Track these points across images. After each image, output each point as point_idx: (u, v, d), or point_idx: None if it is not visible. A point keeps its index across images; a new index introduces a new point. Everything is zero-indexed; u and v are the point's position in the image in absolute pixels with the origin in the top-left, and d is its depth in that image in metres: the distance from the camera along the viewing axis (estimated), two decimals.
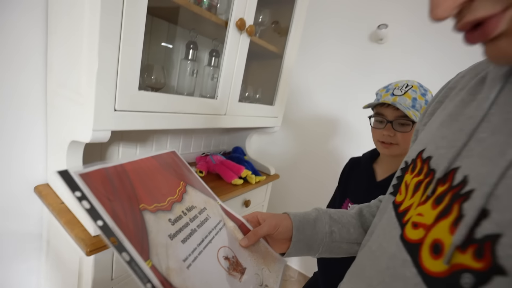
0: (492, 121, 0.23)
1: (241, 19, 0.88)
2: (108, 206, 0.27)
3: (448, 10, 0.20)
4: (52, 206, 0.72)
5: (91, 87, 0.56)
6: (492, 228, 0.18)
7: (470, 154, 0.24)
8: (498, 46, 0.20)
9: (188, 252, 0.32)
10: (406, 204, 0.30)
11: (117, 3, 0.55)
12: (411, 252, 0.25)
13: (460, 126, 0.27)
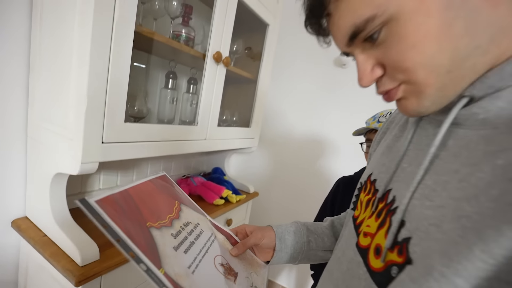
0: (409, 155, 0.33)
1: (218, 52, 0.96)
2: (122, 226, 0.33)
3: (367, 83, 0.29)
4: (34, 240, 0.72)
5: (80, 123, 0.60)
6: (406, 233, 0.27)
7: (397, 179, 0.32)
8: (400, 104, 0.30)
9: (191, 260, 0.38)
10: (361, 218, 0.38)
11: (105, 44, 0.60)
12: (362, 255, 0.32)
13: (392, 157, 0.36)
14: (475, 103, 0.26)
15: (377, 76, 0.29)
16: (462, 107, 0.26)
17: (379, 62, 0.29)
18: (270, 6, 1.26)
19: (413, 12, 0.24)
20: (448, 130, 0.28)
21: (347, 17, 0.27)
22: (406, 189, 0.29)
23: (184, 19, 0.99)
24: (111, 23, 0.60)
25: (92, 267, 0.65)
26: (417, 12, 0.24)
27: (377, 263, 0.29)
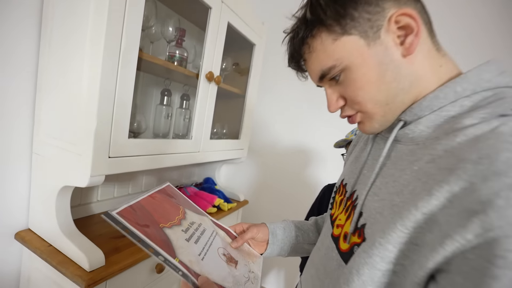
0: (368, 164, 0.43)
1: (210, 72, 1.06)
2: (141, 229, 0.42)
3: (334, 110, 0.40)
4: (40, 250, 0.76)
5: (90, 141, 0.67)
6: (363, 221, 0.36)
7: (359, 182, 0.43)
8: (359, 126, 0.41)
9: (200, 249, 0.47)
10: (335, 214, 0.48)
11: (113, 70, 0.68)
12: (335, 242, 0.42)
13: (357, 165, 0.46)
14: (407, 126, 0.37)
15: (341, 105, 0.40)
16: (399, 128, 0.37)
17: (341, 96, 0.40)
18: (256, 27, 1.38)
19: (359, 65, 0.35)
20: (391, 145, 0.39)
21: (316, 65, 0.39)
22: (364, 189, 0.39)
23: (178, 41, 1.09)
24: (119, 52, 0.69)
25: (99, 272, 0.70)
26: (362, 65, 0.35)
27: (344, 245, 0.39)
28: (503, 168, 0.23)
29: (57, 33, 0.75)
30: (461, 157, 0.27)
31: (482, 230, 0.22)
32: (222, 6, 1.05)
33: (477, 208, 0.23)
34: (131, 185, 1.20)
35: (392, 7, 0.34)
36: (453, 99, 0.33)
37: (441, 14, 1.40)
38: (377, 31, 0.34)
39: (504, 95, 0.30)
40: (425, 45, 0.35)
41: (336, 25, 0.35)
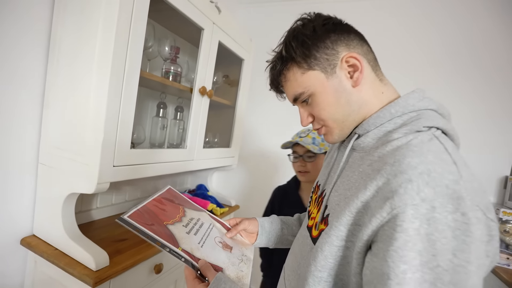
0: (334, 168, 0.54)
1: (203, 86, 1.15)
2: (148, 228, 0.51)
3: (305, 125, 0.52)
4: (47, 254, 0.82)
5: (97, 152, 0.75)
6: (327, 212, 0.46)
7: (328, 182, 0.53)
8: (324, 137, 0.52)
9: (199, 239, 0.56)
10: (311, 210, 0.58)
11: (118, 89, 0.77)
12: (309, 231, 0.52)
13: (327, 169, 0.57)
14: (360, 138, 0.48)
15: (310, 121, 0.52)
16: (354, 140, 0.48)
17: (310, 114, 0.51)
18: (245, 44, 1.50)
19: (321, 92, 0.47)
20: (350, 153, 0.50)
21: (290, 90, 0.51)
22: (329, 188, 0.50)
23: (173, 58, 1.18)
24: (123, 73, 0.77)
25: (104, 271, 0.77)
26: (323, 93, 0.47)
27: (315, 232, 0.49)
28: (405, 168, 0.34)
29: (65, 55, 0.83)
30: (385, 161, 0.38)
31: (390, 209, 0.33)
32: (213, 27, 1.16)
33: (389, 195, 0.34)
34: (128, 192, 1.27)
35: (344, 51, 0.46)
36: (389, 118, 0.44)
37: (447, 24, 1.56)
38: (333, 67, 0.46)
39: (422, 116, 0.42)
40: (369, 78, 0.47)
41: (303, 62, 0.47)
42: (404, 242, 0.31)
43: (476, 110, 1.49)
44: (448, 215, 0.31)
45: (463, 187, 0.32)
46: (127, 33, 0.76)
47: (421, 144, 0.37)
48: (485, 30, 1.47)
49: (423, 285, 0.30)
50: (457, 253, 0.30)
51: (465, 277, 0.30)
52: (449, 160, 0.35)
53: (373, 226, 0.35)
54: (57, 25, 0.85)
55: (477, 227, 0.31)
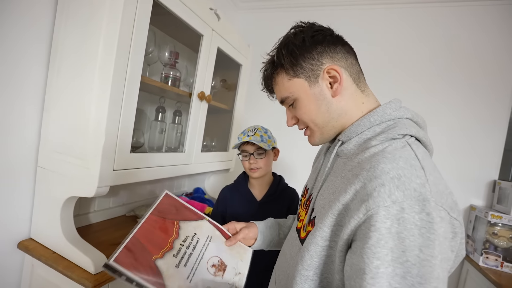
0: (320, 173, 0.57)
1: (202, 91, 1.17)
2: (135, 271, 0.48)
3: (289, 125, 0.56)
4: (45, 257, 0.82)
5: (98, 156, 0.76)
6: (314, 214, 0.49)
7: (315, 187, 0.56)
8: (308, 139, 0.55)
9: (189, 272, 0.55)
10: (300, 213, 0.61)
11: (120, 94, 0.78)
12: (298, 233, 0.55)
13: (315, 174, 0.60)
14: (343, 145, 0.51)
15: (294, 122, 0.56)
16: (338, 146, 0.52)
17: (294, 116, 0.55)
18: (243, 50, 1.52)
19: (304, 99, 0.51)
20: (334, 159, 0.53)
21: (278, 93, 0.56)
22: (315, 192, 0.53)
23: (172, 63, 1.20)
24: (124, 79, 0.79)
25: (103, 275, 0.78)
26: (305, 99, 0.51)
27: (303, 234, 0.52)
28: (379, 174, 0.38)
29: (66, 60, 0.84)
30: (363, 167, 0.42)
31: (366, 210, 0.37)
32: (213, 34, 1.18)
33: (365, 198, 0.37)
34: (126, 196, 1.27)
35: (327, 62, 0.50)
36: (369, 126, 0.48)
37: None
38: (316, 77, 0.50)
39: (398, 124, 0.46)
40: (350, 89, 0.51)
41: (290, 70, 0.51)
42: (377, 240, 0.35)
43: (464, 118, 1.54)
44: (415, 215, 0.34)
45: (428, 190, 0.36)
46: (129, 39, 0.78)
47: (394, 151, 0.41)
48: (473, 40, 1.53)
49: (395, 278, 0.33)
50: (423, 248, 0.33)
51: (430, 270, 0.33)
52: (418, 165, 0.39)
53: (352, 226, 0.38)
54: (59, 30, 0.86)
55: (440, 225, 0.35)
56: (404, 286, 0.33)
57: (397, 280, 0.33)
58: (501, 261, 1.29)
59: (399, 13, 1.67)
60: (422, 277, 0.33)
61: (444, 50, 1.58)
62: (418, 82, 1.62)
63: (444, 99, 1.57)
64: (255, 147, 0.98)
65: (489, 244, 1.33)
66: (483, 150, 1.51)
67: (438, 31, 1.59)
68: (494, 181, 1.48)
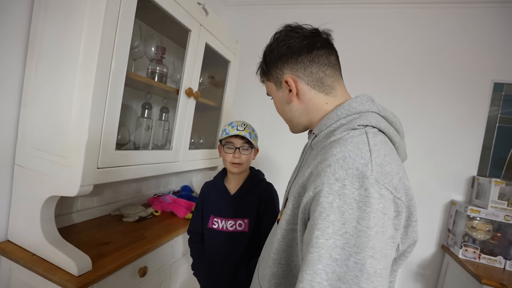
0: (302, 168, 0.57)
1: (189, 88, 1.15)
2: None
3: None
4: (24, 260, 0.79)
5: (81, 153, 0.73)
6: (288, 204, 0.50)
7: (291, 180, 0.58)
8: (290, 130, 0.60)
9: None
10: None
11: (104, 89, 0.75)
12: (277, 222, 0.57)
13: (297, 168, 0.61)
14: (316, 138, 0.54)
15: None
16: (312, 140, 0.55)
17: None
18: (231, 46, 1.51)
19: (275, 98, 0.62)
20: (308, 151, 0.57)
21: (266, 88, 0.60)
22: (291, 183, 0.56)
23: (159, 59, 1.17)
24: (109, 73, 0.76)
25: (87, 276, 0.75)
26: (275, 98, 0.62)
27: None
28: (328, 156, 0.42)
29: (46, 54, 0.80)
30: (322, 152, 0.47)
31: (314, 188, 0.41)
32: (200, 29, 1.16)
33: (315, 178, 0.42)
34: (110, 195, 1.23)
35: (287, 73, 0.57)
36: (336, 119, 0.51)
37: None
38: (280, 83, 0.59)
39: (362, 116, 0.49)
40: (308, 95, 0.56)
41: (266, 74, 0.62)
42: (319, 213, 0.38)
43: (445, 117, 1.59)
44: (355, 191, 0.38)
45: (369, 169, 0.39)
46: (113, 32, 0.75)
47: (350, 138, 0.45)
48: (452, 40, 1.58)
49: (335, 250, 0.36)
50: (360, 220, 0.36)
51: (366, 240, 0.36)
52: (366, 148, 0.42)
53: (304, 204, 0.43)
54: (37, 22, 0.82)
55: (379, 201, 0.38)
56: (343, 256, 0.35)
57: (337, 252, 0.36)
58: (479, 253, 1.35)
59: (380, 14, 1.70)
60: (359, 247, 0.35)
61: (423, 50, 1.62)
62: (398, 82, 1.67)
63: (425, 99, 1.62)
64: (242, 141, 0.97)
65: (468, 237, 1.39)
66: (463, 148, 1.57)
67: (418, 32, 1.63)
68: (473, 177, 1.55)
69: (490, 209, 1.35)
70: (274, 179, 1.91)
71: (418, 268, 1.62)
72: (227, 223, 0.97)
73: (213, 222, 0.98)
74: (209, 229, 0.99)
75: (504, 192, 1.38)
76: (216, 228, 0.97)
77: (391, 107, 0.58)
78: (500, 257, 1.32)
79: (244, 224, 0.97)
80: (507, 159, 1.55)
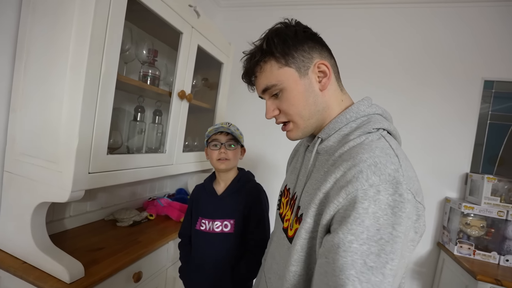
0: (302, 172, 0.57)
1: (182, 90, 1.14)
2: None
3: (270, 117, 0.55)
4: (14, 268, 0.77)
5: (71, 158, 0.72)
6: (300, 212, 0.49)
7: (297, 186, 0.57)
8: (287, 135, 0.56)
9: None
10: (284, 212, 0.61)
11: (94, 93, 0.74)
12: (285, 232, 0.55)
13: (296, 173, 0.60)
14: (323, 142, 0.52)
15: (276, 114, 0.55)
16: (318, 144, 0.53)
17: (278, 107, 0.55)
18: (224, 48, 1.51)
19: (293, 89, 0.51)
20: (315, 157, 0.54)
21: (263, 80, 0.54)
22: (300, 190, 0.53)
23: (151, 61, 1.16)
24: (99, 76, 0.75)
25: (79, 283, 0.74)
26: (294, 89, 0.51)
27: (291, 233, 0.52)
28: (357, 162, 0.41)
29: (34, 58, 0.79)
30: (343, 159, 0.44)
31: (345, 195, 0.39)
32: (192, 31, 1.16)
33: (344, 184, 0.40)
34: (105, 198, 1.22)
35: (317, 57, 0.52)
36: (346, 122, 0.50)
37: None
38: (306, 69, 0.51)
39: (371, 119, 0.49)
40: (333, 86, 0.54)
41: (282, 58, 0.51)
42: (353, 219, 0.37)
43: (437, 114, 1.61)
44: (389, 197, 0.38)
45: (401, 174, 0.40)
46: (103, 35, 0.74)
47: (371, 142, 0.44)
48: (444, 39, 1.60)
49: (370, 257, 0.35)
50: (395, 226, 0.37)
51: (400, 246, 0.36)
52: (392, 153, 0.43)
53: (331, 211, 0.41)
54: (25, 26, 0.81)
55: (408, 206, 0.38)
56: (379, 264, 0.35)
57: (372, 259, 0.35)
58: (474, 249, 1.36)
59: (375, 13, 1.72)
60: (394, 253, 0.36)
61: (415, 49, 1.64)
62: (390, 80, 1.68)
63: (417, 97, 1.64)
64: (227, 137, 0.97)
65: (462, 234, 1.40)
66: (456, 145, 1.58)
67: (410, 31, 1.65)
68: (466, 174, 1.56)
69: (483, 206, 1.37)
70: (268, 180, 1.91)
71: (414, 265, 1.63)
72: (213, 224, 0.96)
73: (200, 223, 0.98)
74: (196, 230, 0.98)
75: (496, 188, 1.40)
76: (204, 229, 0.96)
77: (383, 105, 0.58)
78: (494, 252, 1.34)
79: (230, 225, 0.95)
80: (499, 156, 1.57)
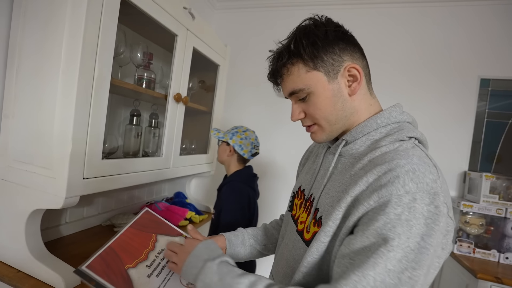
0: (321, 173, 0.56)
1: (178, 93, 1.13)
2: (106, 278, 0.50)
3: (295, 120, 0.54)
4: (8, 277, 0.75)
5: (65, 164, 0.70)
6: (319, 214, 0.48)
7: (315, 187, 0.55)
8: (312, 136, 0.54)
9: (160, 282, 0.56)
10: (297, 214, 0.59)
11: (87, 97, 0.73)
12: (300, 235, 0.54)
13: (312, 174, 0.59)
14: (347, 145, 0.51)
15: (301, 117, 0.54)
16: (342, 146, 0.51)
17: (303, 111, 0.53)
18: (220, 50, 1.50)
19: (320, 93, 0.49)
20: (337, 159, 0.53)
21: (290, 84, 0.52)
22: (318, 191, 0.52)
23: (146, 65, 1.15)
24: (92, 80, 0.74)
25: None
26: (322, 94, 0.49)
27: (308, 236, 0.51)
28: (394, 167, 0.40)
29: (26, 62, 0.78)
30: (376, 163, 0.43)
31: (378, 198, 0.39)
32: (187, 34, 1.15)
33: (378, 188, 0.40)
34: (100, 205, 1.20)
35: (348, 60, 0.50)
36: (376, 127, 0.49)
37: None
38: (336, 73, 0.49)
39: (403, 127, 0.48)
40: (363, 90, 0.52)
41: (310, 61, 0.49)
42: (384, 223, 0.37)
43: (435, 113, 1.61)
44: (424, 206, 0.37)
45: (439, 186, 0.39)
46: (95, 39, 0.73)
47: (406, 150, 0.44)
48: (441, 38, 1.60)
49: (392, 261, 0.36)
50: (425, 237, 0.36)
51: (426, 257, 0.36)
52: (431, 163, 0.42)
53: (359, 213, 0.40)
54: (16, 29, 0.80)
55: (442, 219, 0.38)
56: (398, 268, 0.35)
57: (393, 263, 0.35)
58: (473, 247, 1.36)
59: (369, 13, 1.72)
60: (418, 263, 0.36)
61: (412, 48, 1.64)
62: (387, 79, 1.68)
63: (414, 96, 1.64)
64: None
65: (462, 232, 1.40)
66: (454, 143, 1.59)
67: (406, 30, 1.65)
68: (464, 172, 1.56)
69: (482, 204, 1.37)
70: (269, 180, 1.90)
71: None
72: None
73: None
74: None
75: (495, 186, 1.40)
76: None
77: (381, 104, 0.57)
78: (494, 250, 1.34)
79: (214, 215, 1.19)
80: (497, 153, 1.57)
